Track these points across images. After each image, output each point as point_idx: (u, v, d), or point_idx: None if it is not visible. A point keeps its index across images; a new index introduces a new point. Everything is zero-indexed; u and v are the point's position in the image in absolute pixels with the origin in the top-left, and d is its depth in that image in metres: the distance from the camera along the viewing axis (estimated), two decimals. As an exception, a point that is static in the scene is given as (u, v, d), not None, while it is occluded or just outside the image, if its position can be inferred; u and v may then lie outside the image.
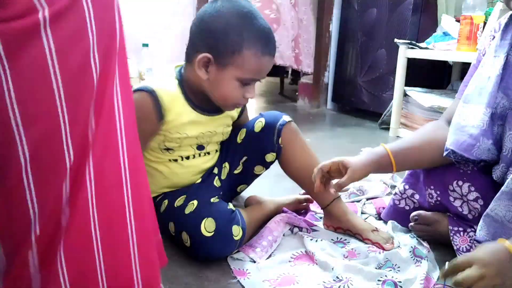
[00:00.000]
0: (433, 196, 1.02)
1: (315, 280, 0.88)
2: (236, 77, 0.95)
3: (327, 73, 3.11)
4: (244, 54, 0.93)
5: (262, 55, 0.94)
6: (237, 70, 0.94)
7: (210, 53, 0.93)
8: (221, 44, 0.93)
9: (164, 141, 1.01)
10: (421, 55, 2.12)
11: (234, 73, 0.94)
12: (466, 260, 0.73)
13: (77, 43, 0.49)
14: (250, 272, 0.91)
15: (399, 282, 0.85)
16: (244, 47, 0.92)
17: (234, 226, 0.95)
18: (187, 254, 0.96)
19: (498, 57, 0.92)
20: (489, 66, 0.93)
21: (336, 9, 3.00)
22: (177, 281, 0.88)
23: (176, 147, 1.03)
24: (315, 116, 2.91)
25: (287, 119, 1.11)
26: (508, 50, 0.91)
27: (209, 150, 1.09)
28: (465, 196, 0.98)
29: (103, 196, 0.54)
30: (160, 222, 0.77)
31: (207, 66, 0.95)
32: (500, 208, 0.85)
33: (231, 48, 0.92)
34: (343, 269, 0.90)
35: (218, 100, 0.99)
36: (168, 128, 0.99)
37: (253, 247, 0.98)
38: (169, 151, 1.03)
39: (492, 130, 0.91)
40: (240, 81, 0.96)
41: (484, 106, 0.90)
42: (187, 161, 1.05)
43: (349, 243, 1.04)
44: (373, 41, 2.66)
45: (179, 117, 0.99)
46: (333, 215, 1.09)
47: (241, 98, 0.98)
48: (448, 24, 2.14)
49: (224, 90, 0.97)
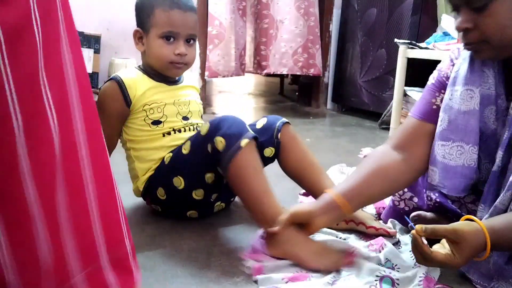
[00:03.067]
0: (431, 198, 1.02)
1: (327, 276, 0.89)
2: (157, 35, 1.10)
3: (327, 73, 3.11)
4: (156, 13, 1.09)
5: (170, 9, 1.08)
6: (155, 29, 1.09)
7: (138, 27, 1.13)
8: (140, 15, 1.12)
9: (147, 114, 1.12)
10: (421, 55, 2.12)
11: (154, 32, 1.10)
12: (452, 233, 0.77)
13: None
14: (266, 266, 0.91)
15: (397, 279, 0.86)
16: (154, 8, 1.09)
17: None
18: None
19: (472, 91, 0.89)
20: (459, 99, 0.90)
21: (336, 9, 3.01)
22: (177, 281, 0.88)
23: (162, 117, 1.13)
24: (315, 116, 2.91)
25: (287, 120, 1.18)
26: (480, 83, 0.89)
27: (194, 122, 1.18)
28: (462, 198, 0.98)
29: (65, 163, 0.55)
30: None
31: (142, 39, 1.13)
32: (507, 199, 0.83)
33: (146, 14, 1.10)
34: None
35: (155, 65, 1.13)
36: (140, 101, 1.11)
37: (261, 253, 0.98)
38: (158, 125, 1.12)
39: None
40: (161, 37, 1.09)
41: (471, 145, 0.89)
42: (179, 134, 1.15)
43: (349, 243, 1.04)
44: (373, 41, 2.66)
45: (142, 88, 1.12)
46: None
47: (171, 54, 1.10)
48: (448, 24, 2.14)
49: (154, 51, 1.11)
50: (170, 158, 1.10)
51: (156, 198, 1.12)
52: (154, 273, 0.90)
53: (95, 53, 2.29)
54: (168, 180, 1.08)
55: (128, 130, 1.14)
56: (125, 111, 1.11)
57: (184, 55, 1.11)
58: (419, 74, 2.39)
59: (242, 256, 0.97)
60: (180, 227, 1.12)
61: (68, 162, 0.57)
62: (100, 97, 1.11)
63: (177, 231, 1.10)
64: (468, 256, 0.77)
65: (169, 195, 1.10)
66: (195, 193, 1.09)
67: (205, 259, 0.97)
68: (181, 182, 1.07)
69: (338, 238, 1.07)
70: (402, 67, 2.22)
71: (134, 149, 1.14)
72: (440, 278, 0.90)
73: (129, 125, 1.13)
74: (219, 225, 1.14)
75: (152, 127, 1.12)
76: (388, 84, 2.54)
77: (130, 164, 1.17)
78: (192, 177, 1.07)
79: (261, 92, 4.05)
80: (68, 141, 0.57)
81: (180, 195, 1.09)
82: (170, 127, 1.14)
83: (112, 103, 1.10)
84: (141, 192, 1.15)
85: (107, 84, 1.12)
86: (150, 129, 1.12)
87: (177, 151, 1.10)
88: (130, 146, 1.15)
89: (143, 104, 1.11)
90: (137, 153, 1.14)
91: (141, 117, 1.12)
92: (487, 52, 0.84)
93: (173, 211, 1.15)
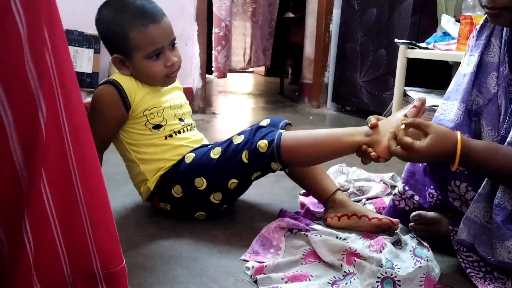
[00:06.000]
0: (433, 195, 1.02)
1: (327, 276, 0.89)
2: (143, 57, 1.07)
3: (327, 73, 3.11)
4: (132, 36, 1.05)
5: (145, 28, 1.04)
6: (139, 52, 1.06)
7: (115, 53, 1.09)
8: (113, 41, 1.08)
9: (148, 119, 1.11)
10: (421, 55, 2.12)
11: (139, 56, 1.07)
12: (427, 125, 0.84)
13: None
14: (266, 266, 0.91)
15: (398, 281, 0.85)
16: (128, 31, 1.04)
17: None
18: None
19: (473, 56, 0.98)
20: (465, 64, 1.00)
21: (336, 9, 3.00)
22: (177, 281, 0.88)
23: (162, 121, 1.13)
24: (315, 116, 2.91)
25: (289, 122, 1.19)
26: (482, 49, 0.97)
27: (189, 123, 1.20)
28: (463, 196, 0.98)
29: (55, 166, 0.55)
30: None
31: (123, 63, 1.09)
32: (478, 210, 0.89)
33: (121, 39, 1.05)
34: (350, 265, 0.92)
35: (149, 83, 1.12)
36: (139, 107, 1.10)
37: (261, 254, 0.98)
38: (159, 129, 1.13)
39: (469, 125, 0.96)
40: (148, 58, 1.07)
41: (458, 102, 0.97)
42: (179, 135, 1.16)
43: (349, 243, 1.04)
44: (373, 41, 2.66)
45: (140, 94, 1.11)
46: (337, 203, 1.13)
47: (164, 69, 1.10)
48: (448, 24, 2.14)
49: (145, 73, 1.09)
50: (193, 159, 1.10)
51: (169, 195, 1.12)
52: (154, 273, 0.90)
53: (95, 53, 2.29)
54: (189, 179, 1.09)
55: (127, 134, 1.13)
56: (124, 116, 1.10)
57: (174, 62, 1.11)
58: (419, 74, 2.40)
59: (242, 256, 0.97)
60: (180, 227, 1.11)
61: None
62: (98, 102, 1.09)
63: (177, 231, 1.09)
64: (432, 145, 0.82)
65: (186, 194, 1.10)
66: (213, 196, 1.10)
67: (205, 259, 0.97)
68: (204, 183, 1.08)
69: (338, 238, 1.06)
70: (402, 67, 2.21)
71: (137, 152, 1.13)
72: (441, 278, 0.90)
73: (128, 129, 1.12)
74: (219, 225, 1.14)
75: (153, 131, 1.12)
76: (388, 84, 2.53)
77: (135, 170, 1.15)
78: (216, 181, 1.08)
79: (261, 92, 4.05)
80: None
81: (198, 196, 1.10)
82: (171, 130, 1.14)
83: (111, 108, 1.08)
84: (151, 191, 1.14)
85: (104, 89, 1.09)
86: (151, 133, 1.12)
87: (204, 154, 1.10)
88: (132, 149, 1.13)
89: (143, 110, 1.10)
90: (141, 155, 1.13)
91: (141, 122, 1.11)
92: (506, 18, 0.86)
93: (183, 210, 1.15)
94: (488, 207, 0.88)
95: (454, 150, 0.82)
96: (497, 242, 0.84)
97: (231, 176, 1.07)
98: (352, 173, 1.52)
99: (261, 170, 1.07)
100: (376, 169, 1.56)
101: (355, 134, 0.98)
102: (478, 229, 0.90)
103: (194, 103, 2.73)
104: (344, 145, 0.99)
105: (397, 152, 0.87)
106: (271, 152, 1.02)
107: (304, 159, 1.06)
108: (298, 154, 1.03)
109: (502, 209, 0.84)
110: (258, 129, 1.08)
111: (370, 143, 0.95)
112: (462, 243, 0.94)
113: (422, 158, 0.85)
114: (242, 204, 1.28)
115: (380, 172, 1.53)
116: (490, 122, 0.94)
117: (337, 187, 1.17)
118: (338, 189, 1.17)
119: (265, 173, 1.10)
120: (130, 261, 0.94)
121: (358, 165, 1.58)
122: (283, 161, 1.03)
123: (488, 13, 0.89)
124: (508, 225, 0.83)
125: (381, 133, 0.95)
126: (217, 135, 2.18)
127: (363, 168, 1.54)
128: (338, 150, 1.01)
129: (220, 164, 1.07)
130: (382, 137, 0.94)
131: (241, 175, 1.07)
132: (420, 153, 0.83)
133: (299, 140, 1.04)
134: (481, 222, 0.89)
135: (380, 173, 1.53)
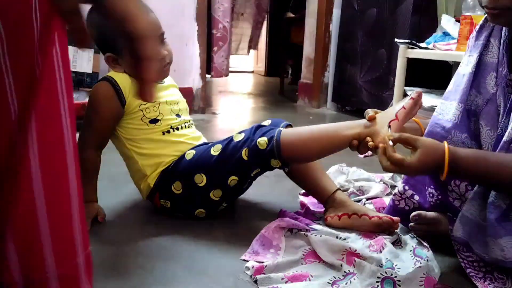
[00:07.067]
0: (433, 195, 1.02)
1: (327, 276, 0.89)
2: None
3: (327, 73, 3.11)
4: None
5: None
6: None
7: (108, 52, 1.11)
8: (104, 39, 1.09)
9: (144, 114, 1.13)
10: (421, 55, 2.12)
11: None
12: (414, 139, 0.85)
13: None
14: (266, 266, 0.91)
15: (398, 281, 0.85)
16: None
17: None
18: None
19: (472, 56, 0.99)
20: (464, 65, 1.01)
21: (336, 9, 3.00)
22: (177, 281, 0.88)
23: (158, 115, 1.15)
24: (315, 116, 2.91)
25: (290, 123, 1.18)
26: (481, 50, 0.97)
27: (186, 119, 1.22)
28: (463, 195, 0.98)
29: (46, 158, 0.54)
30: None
31: (116, 61, 1.11)
32: (474, 208, 0.90)
33: (112, 38, 1.07)
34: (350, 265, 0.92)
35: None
36: (135, 101, 1.11)
37: (261, 254, 0.98)
38: (156, 123, 1.14)
39: (468, 125, 0.97)
40: None
41: (457, 102, 0.98)
42: (177, 131, 1.18)
43: (349, 243, 1.04)
44: (373, 41, 2.66)
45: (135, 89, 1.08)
46: (337, 203, 1.14)
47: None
48: (448, 24, 2.14)
49: None
50: (194, 155, 1.12)
51: (169, 192, 1.13)
52: (154, 273, 0.90)
53: (95, 53, 2.29)
54: (189, 175, 1.10)
55: (124, 130, 1.14)
56: (120, 111, 1.12)
57: (165, 55, 1.13)
58: (419, 74, 2.40)
59: (242, 256, 0.97)
60: (180, 227, 1.11)
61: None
62: (94, 98, 1.12)
63: (177, 231, 1.09)
64: (421, 160, 0.83)
65: (186, 190, 1.11)
66: (213, 193, 1.11)
67: (205, 259, 0.97)
68: (203, 179, 1.09)
69: (338, 238, 1.06)
70: (402, 67, 2.21)
71: (136, 147, 1.14)
72: (441, 278, 0.90)
73: (125, 125, 1.14)
74: (219, 225, 1.14)
75: (150, 126, 1.14)
76: (388, 84, 2.53)
77: (134, 165, 1.16)
78: (216, 177, 1.09)
79: (261, 92, 4.05)
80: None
81: (198, 192, 1.11)
82: (168, 125, 1.16)
83: (107, 104, 1.10)
84: (152, 187, 1.15)
85: (99, 85, 1.12)
86: (148, 127, 1.14)
87: (204, 151, 1.11)
88: (130, 144, 1.14)
89: (139, 104, 1.12)
90: (140, 150, 1.14)
91: (138, 116, 1.13)
92: (506, 18, 0.87)
93: (183, 207, 1.15)
94: (483, 205, 0.89)
95: (443, 161, 0.83)
96: (491, 239, 0.85)
97: (231, 173, 1.08)
98: (352, 173, 1.52)
99: (260, 167, 1.09)
100: (376, 169, 1.56)
101: (354, 127, 1.03)
102: (473, 226, 0.90)
103: (194, 103, 2.73)
104: (344, 138, 1.02)
105: (389, 168, 0.88)
106: (271, 148, 1.03)
107: (304, 153, 1.07)
108: (298, 148, 1.05)
109: (496, 207, 0.85)
110: (259, 128, 1.10)
111: (369, 134, 1.00)
112: (457, 240, 0.94)
113: (414, 172, 0.88)
114: (242, 204, 1.28)
115: (380, 172, 1.53)
116: (489, 122, 0.94)
117: (337, 187, 1.17)
118: (338, 189, 1.17)
119: (265, 170, 1.11)
120: (130, 261, 0.95)
121: (358, 165, 1.59)
122: (283, 158, 1.04)
123: (488, 13, 0.89)
124: (502, 223, 0.84)
125: (379, 124, 1.00)
126: (217, 135, 2.18)
127: (363, 168, 1.54)
128: (339, 143, 1.03)
129: (220, 161, 1.08)
130: (381, 128, 1.00)
131: (240, 172, 1.08)
132: (411, 167, 0.85)
133: (299, 135, 1.06)
134: (476, 220, 0.89)
135: (380, 173, 1.52)
